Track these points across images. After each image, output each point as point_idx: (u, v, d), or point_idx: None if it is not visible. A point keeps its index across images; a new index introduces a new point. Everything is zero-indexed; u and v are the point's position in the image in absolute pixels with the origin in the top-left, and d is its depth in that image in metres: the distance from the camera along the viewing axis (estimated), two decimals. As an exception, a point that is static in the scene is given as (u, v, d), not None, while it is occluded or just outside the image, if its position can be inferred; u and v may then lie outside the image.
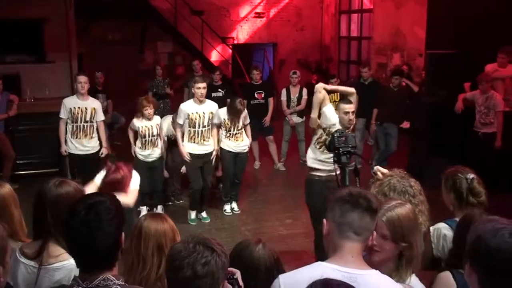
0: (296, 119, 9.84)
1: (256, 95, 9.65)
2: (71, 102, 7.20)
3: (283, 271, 2.42)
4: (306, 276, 1.87)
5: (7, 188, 2.93)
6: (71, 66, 10.78)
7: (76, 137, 7.14)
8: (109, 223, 1.97)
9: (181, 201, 7.94)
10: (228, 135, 7.33)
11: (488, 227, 1.75)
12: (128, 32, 14.10)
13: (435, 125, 8.56)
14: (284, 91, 9.91)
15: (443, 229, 3.00)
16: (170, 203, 7.85)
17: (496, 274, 1.68)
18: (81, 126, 7.13)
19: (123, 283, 2.05)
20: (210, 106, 7.06)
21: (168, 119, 7.58)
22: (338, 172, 3.44)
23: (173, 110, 10.58)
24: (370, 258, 2.15)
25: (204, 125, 6.91)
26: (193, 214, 7.24)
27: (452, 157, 7.32)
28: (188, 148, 6.94)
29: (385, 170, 3.20)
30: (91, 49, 13.09)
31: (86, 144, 7.19)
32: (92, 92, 9.86)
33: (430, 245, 3.02)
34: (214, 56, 15.28)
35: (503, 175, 7.33)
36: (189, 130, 6.90)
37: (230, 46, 15.46)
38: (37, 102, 9.23)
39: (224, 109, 7.36)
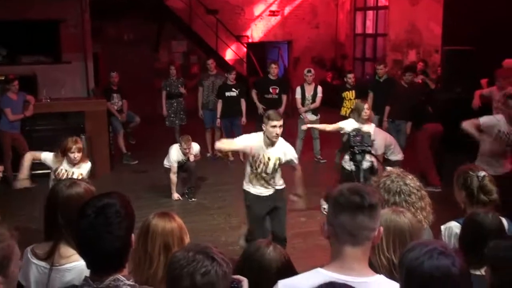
0: (311, 117, 9.81)
1: (271, 90, 9.71)
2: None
3: (295, 272, 2.40)
4: (305, 284, 1.84)
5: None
6: (86, 66, 10.85)
7: None
8: (118, 226, 1.96)
9: (193, 199, 7.99)
10: None
11: (414, 254, 1.73)
12: (143, 32, 14.18)
13: (451, 122, 8.46)
14: (298, 89, 9.90)
15: (455, 228, 2.97)
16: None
17: None
18: None
19: (133, 283, 2.05)
20: (280, 148, 5.26)
21: (176, 146, 7.90)
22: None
23: (187, 109, 10.71)
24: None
25: (267, 172, 5.32)
26: None
27: (468, 153, 7.23)
28: (252, 189, 5.45)
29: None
30: (106, 49, 13.18)
31: None
32: (107, 92, 10.02)
33: None
34: (229, 55, 15.29)
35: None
36: (250, 169, 5.37)
37: (245, 45, 15.46)
38: (53, 102, 9.34)
39: None
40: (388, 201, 2.69)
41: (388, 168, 3.16)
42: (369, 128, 6.56)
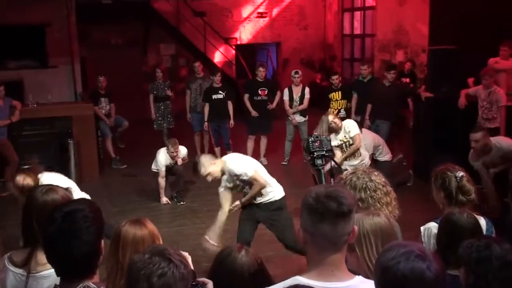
0: (299, 118, 9.83)
1: (259, 92, 9.75)
2: None
3: (268, 276, 2.39)
4: None
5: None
6: (73, 70, 10.79)
7: None
8: (86, 230, 1.95)
9: (182, 203, 7.97)
10: None
11: (391, 254, 1.71)
12: (130, 35, 14.15)
13: (439, 121, 8.49)
14: (286, 91, 9.91)
15: (433, 228, 2.98)
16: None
17: None
18: None
19: None
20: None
21: (163, 150, 7.88)
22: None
23: (175, 112, 10.69)
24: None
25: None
26: None
27: (456, 153, 7.25)
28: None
29: None
30: (93, 53, 13.13)
31: None
32: (95, 96, 9.98)
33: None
34: (218, 57, 15.28)
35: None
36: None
37: (233, 47, 15.45)
38: (39, 107, 9.28)
39: None
40: (354, 197, 2.70)
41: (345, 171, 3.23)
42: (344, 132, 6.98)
